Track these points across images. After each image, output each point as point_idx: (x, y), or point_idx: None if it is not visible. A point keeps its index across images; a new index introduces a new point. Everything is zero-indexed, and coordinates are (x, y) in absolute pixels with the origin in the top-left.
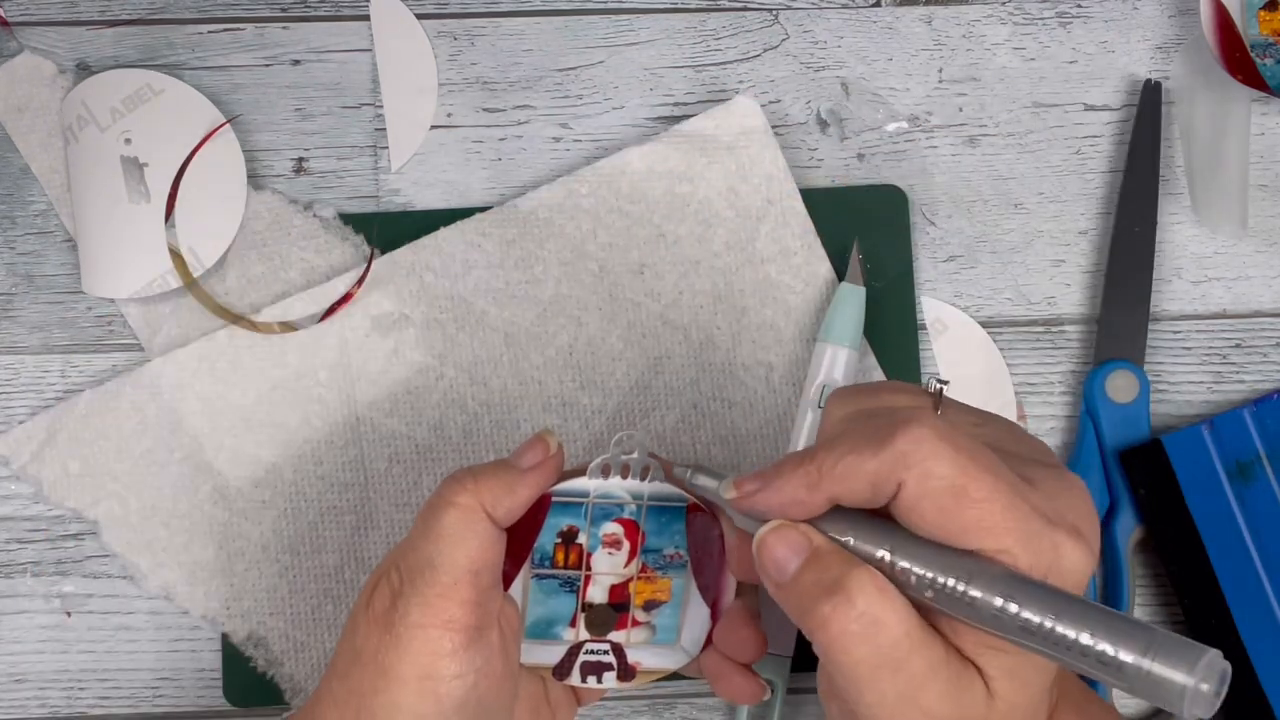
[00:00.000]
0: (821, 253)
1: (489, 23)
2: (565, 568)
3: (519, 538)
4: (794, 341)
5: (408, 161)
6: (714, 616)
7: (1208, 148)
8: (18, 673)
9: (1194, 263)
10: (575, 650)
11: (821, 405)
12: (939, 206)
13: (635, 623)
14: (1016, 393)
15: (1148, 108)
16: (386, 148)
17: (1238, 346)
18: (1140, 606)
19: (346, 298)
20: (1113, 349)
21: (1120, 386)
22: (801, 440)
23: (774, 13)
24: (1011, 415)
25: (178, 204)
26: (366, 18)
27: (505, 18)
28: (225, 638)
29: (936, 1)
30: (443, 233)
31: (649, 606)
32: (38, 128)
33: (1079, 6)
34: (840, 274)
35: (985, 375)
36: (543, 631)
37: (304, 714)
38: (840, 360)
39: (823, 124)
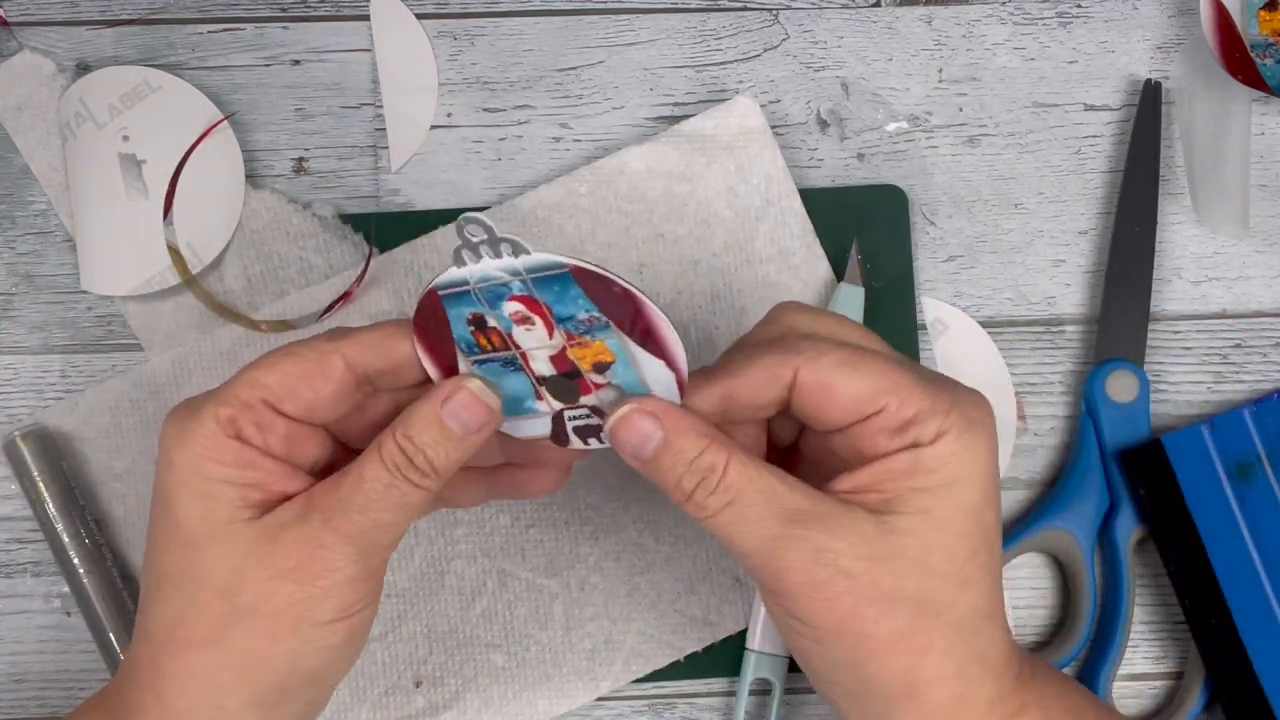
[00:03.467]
0: (820, 253)
1: (489, 23)
2: (494, 350)
3: (432, 335)
4: None
5: (408, 161)
6: (674, 369)
7: (1208, 148)
8: (18, 673)
9: (1194, 263)
10: (560, 418)
11: None
12: (939, 206)
13: (596, 386)
14: (1016, 393)
15: (1148, 108)
16: (386, 148)
17: (1238, 346)
18: (1140, 606)
19: (345, 296)
20: (1113, 349)
21: (1120, 386)
22: None
23: (774, 13)
24: (1011, 415)
25: (176, 201)
26: (366, 18)
27: (505, 18)
28: None
29: (936, 1)
30: (441, 232)
31: (599, 369)
32: (37, 126)
33: (1079, 6)
34: (839, 274)
35: (985, 375)
36: (516, 409)
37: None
38: None
39: (823, 124)
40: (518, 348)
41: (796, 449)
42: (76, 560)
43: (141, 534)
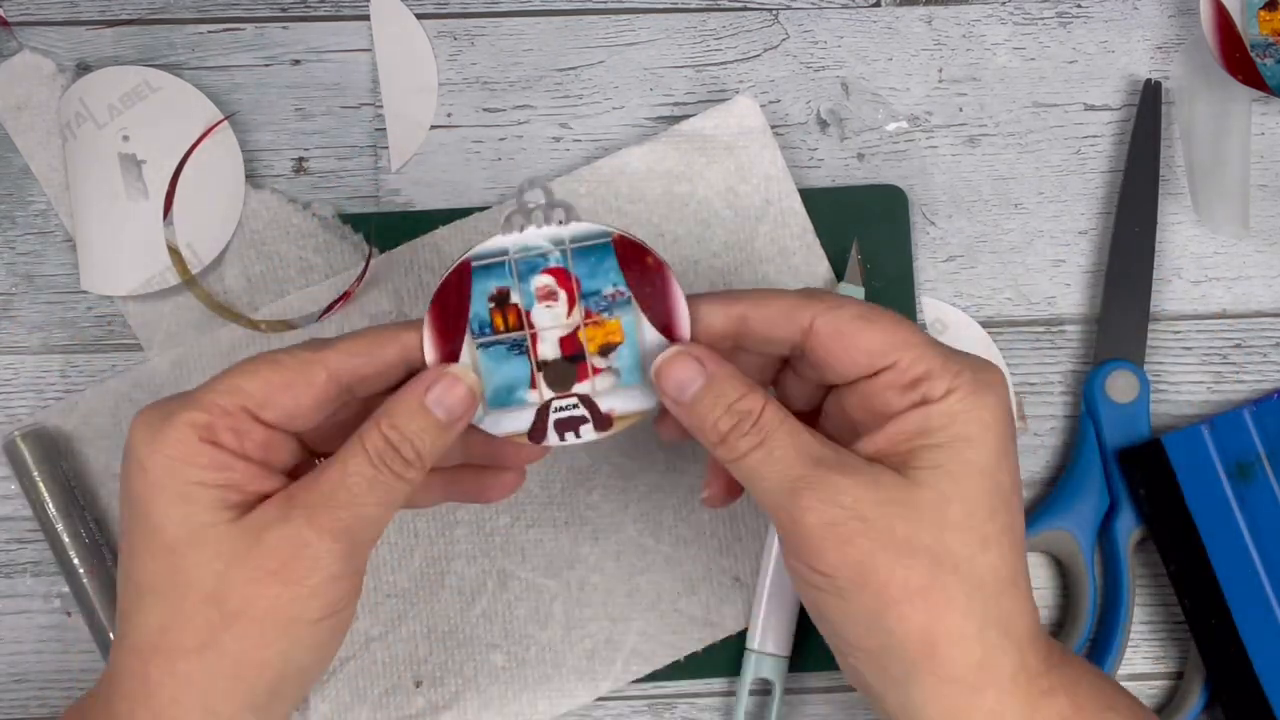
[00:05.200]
0: (820, 253)
1: (489, 23)
2: (507, 330)
3: (450, 312)
4: None
5: (408, 161)
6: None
7: (1208, 148)
8: (18, 673)
9: (1194, 263)
10: (544, 410)
11: None
12: (939, 206)
13: (595, 370)
14: (1016, 392)
15: (1148, 108)
16: (386, 148)
17: (1238, 346)
18: (1140, 606)
19: (345, 296)
20: (1113, 349)
21: (1120, 386)
22: None
23: (774, 13)
24: (1012, 415)
25: (176, 201)
26: (366, 18)
27: (505, 18)
28: None
29: (936, 1)
30: (441, 231)
31: (605, 351)
32: (37, 126)
33: (1079, 6)
34: (840, 274)
35: None
36: (505, 399)
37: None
38: None
39: (823, 124)
40: (531, 327)
41: (817, 419)
42: (76, 560)
43: None
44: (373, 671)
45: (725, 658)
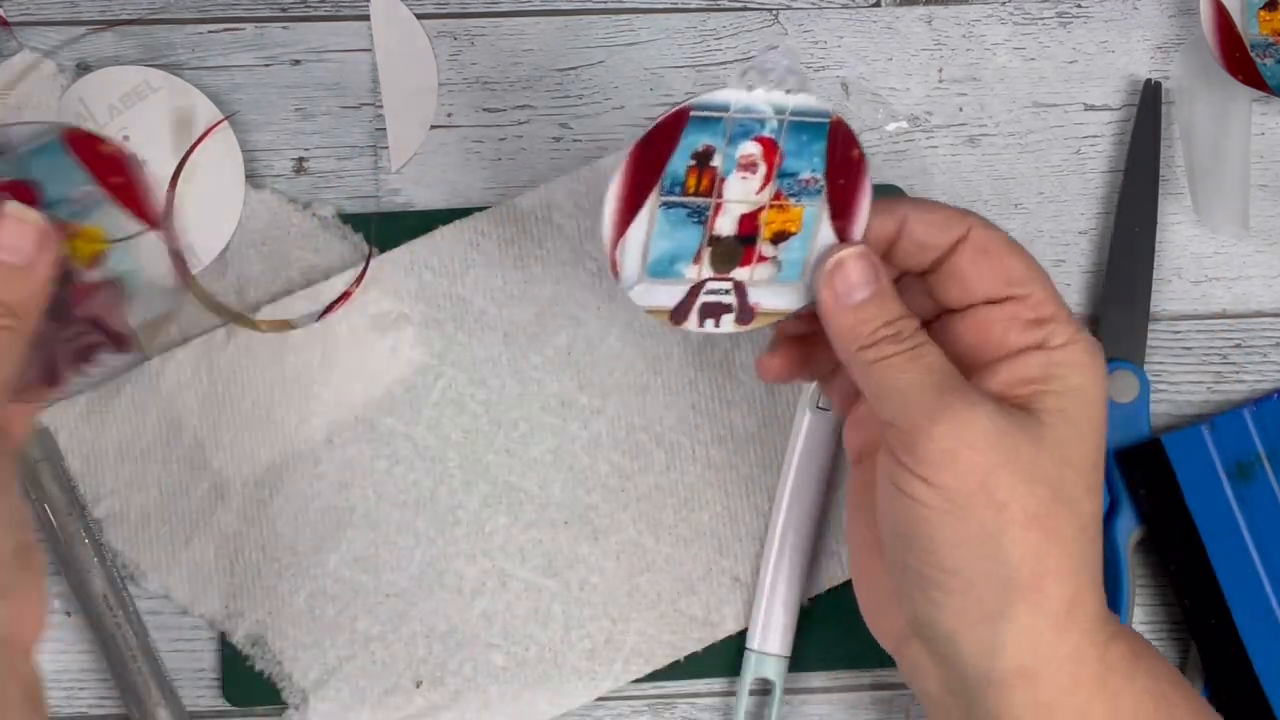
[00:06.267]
0: None
1: (489, 23)
2: (696, 194)
3: (649, 158)
4: None
5: (408, 161)
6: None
7: (1208, 148)
8: None
9: (1194, 263)
10: (696, 290)
11: (820, 406)
12: None
13: (761, 258)
14: None
15: (1148, 108)
16: (386, 148)
17: (1238, 346)
18: (1140, 606)
19: (345, 296)
20: (1113, 349)
21: (1120, 386)
22: (800, 440)
23: (774, 13)
24: None
25: (176, 201)
26: (366, 18)
27: (505, 18)
28: (224, 637)
29: (936, 1)
30: (441, 231)
31: (777, 239)
32: None
33: (1079, 6)
34: None
35: None
36: (665, 269)
37: None
38: None
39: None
40: (720, 195)
41: None
42: (76, 560)
43: (141, 533)
44: (373, 671)
45: (725, 658)
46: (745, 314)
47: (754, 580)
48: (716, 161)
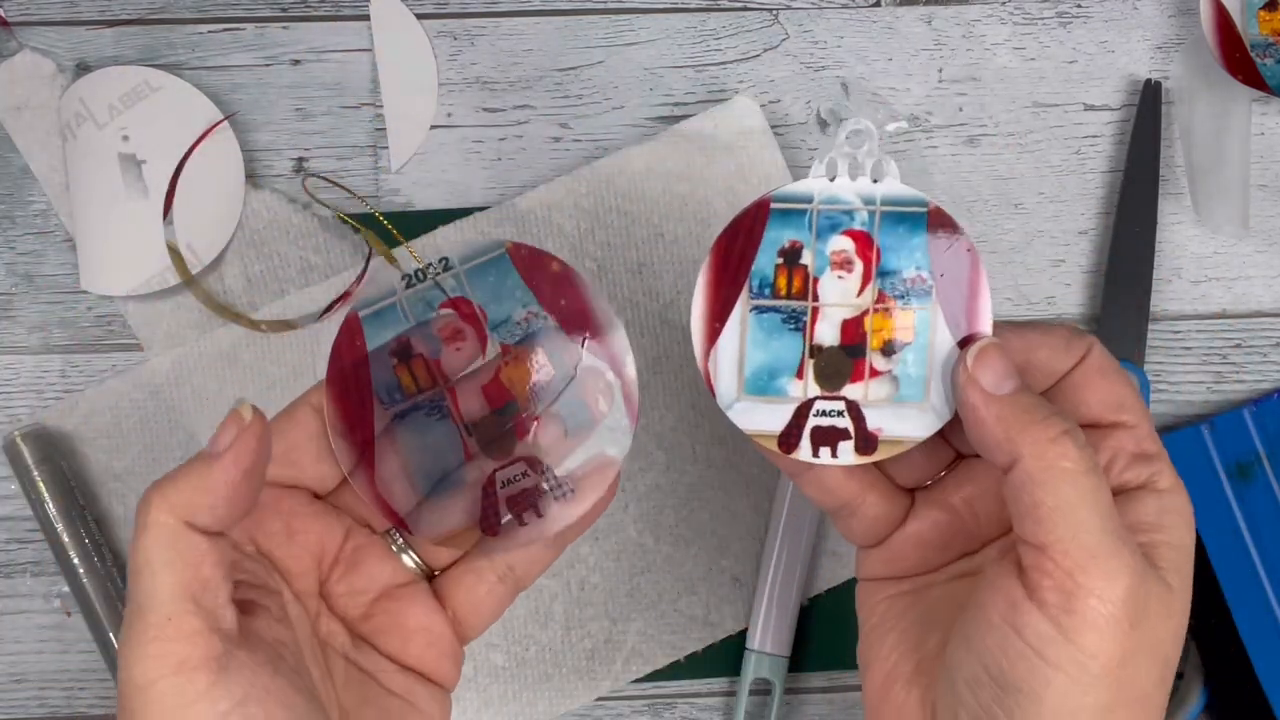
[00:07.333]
0: None
1: (489, 23)
2: (789, 296)
3: (732, 258)
4: None
5: (408, 161)
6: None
7: (1208, 148)
8: (18, 673)
9: (1194, 263)
10: (804, 410)
11: None
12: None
13: (874, 372)
14: None
15: (1148, 108)
16: (386, 148)
17: (1238, 346)
18: None
19: (345, 296)
20: (1113, 349)
21: None
22: None
23: (774, 13)
24: None
25: (176, 201)
26: (366, 18)
27: (505, 18)
28: None
29: (936, 1)
30: (440, 231)
31: (888, 350)
32: (36, 126)
33: (1079, 6)
34: None
35: None
36: (764, 385)
37: None
38: None
39: (823, 124)
40: (815, 299)
41: None
42: (76, 560)
43: None
44: None
45: (725, 658)
46: (867, 443)
47: (754, 580)
48: (806, 259)
